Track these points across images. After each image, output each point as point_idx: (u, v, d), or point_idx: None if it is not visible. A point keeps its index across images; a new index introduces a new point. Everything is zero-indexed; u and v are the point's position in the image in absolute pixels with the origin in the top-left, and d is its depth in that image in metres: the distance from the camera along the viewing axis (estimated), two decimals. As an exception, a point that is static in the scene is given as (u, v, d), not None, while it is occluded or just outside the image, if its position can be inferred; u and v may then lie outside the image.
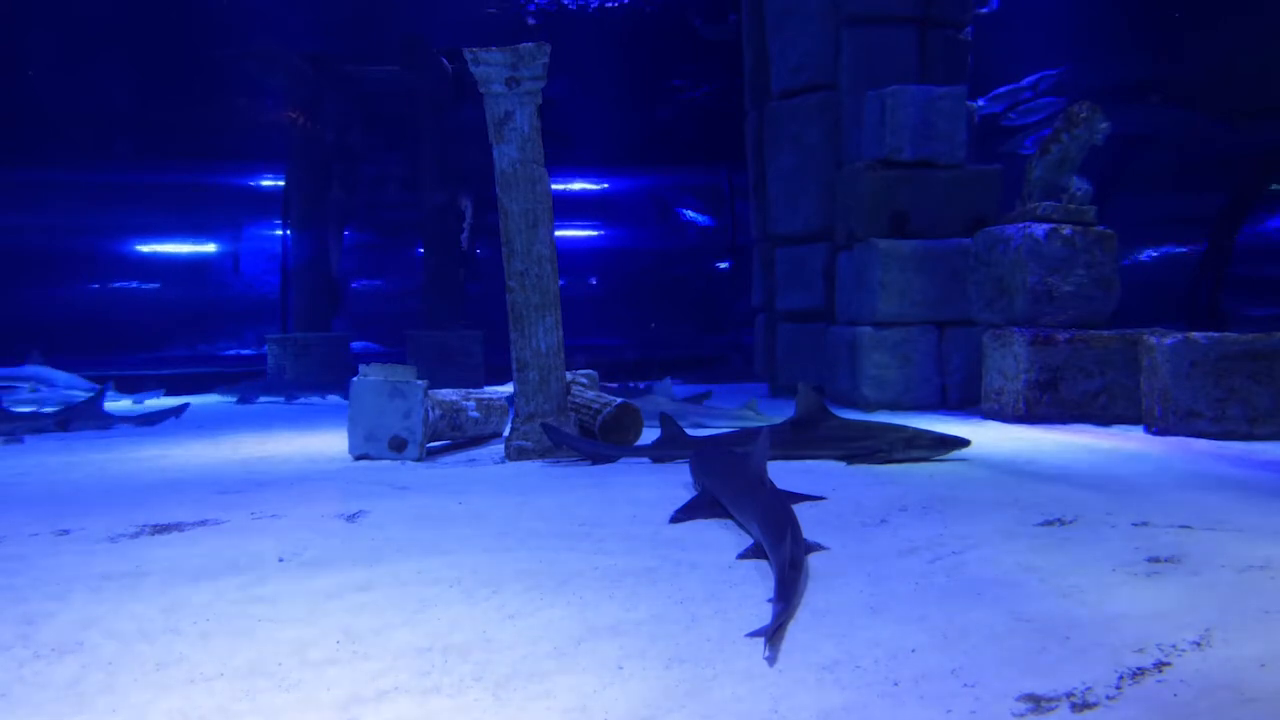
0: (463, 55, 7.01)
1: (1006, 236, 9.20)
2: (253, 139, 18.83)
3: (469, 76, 7.11)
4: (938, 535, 4.38)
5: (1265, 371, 7.52)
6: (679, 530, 4.65)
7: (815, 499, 5.19)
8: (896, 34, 11.25)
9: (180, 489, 6.02)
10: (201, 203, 18.78)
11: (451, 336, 15.63)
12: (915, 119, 10.26)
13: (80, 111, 18.74)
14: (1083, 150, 9.26)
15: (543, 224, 7.07)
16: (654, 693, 2.67)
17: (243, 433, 9.44)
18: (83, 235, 18.11)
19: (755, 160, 12.91)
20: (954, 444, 6.66)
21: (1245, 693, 2.59)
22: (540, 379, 7.13)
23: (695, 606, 3.41)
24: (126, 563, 4.07)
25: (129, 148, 19.55)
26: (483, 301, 16.45)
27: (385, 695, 2.68)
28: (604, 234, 20.65)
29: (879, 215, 10.36)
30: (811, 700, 2.60)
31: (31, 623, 3.29)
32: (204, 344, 18.29)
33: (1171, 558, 3.89)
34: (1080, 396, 8.74)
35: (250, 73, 17.96)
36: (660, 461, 6.77)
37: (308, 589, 3.66)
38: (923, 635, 3.06)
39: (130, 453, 7.93)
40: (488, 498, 5.52)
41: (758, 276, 13.20)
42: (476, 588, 3.66)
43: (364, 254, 19.62)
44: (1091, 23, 15.54)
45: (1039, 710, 2.51)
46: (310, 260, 17.08)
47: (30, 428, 9.27)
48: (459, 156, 16.34)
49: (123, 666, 2.92)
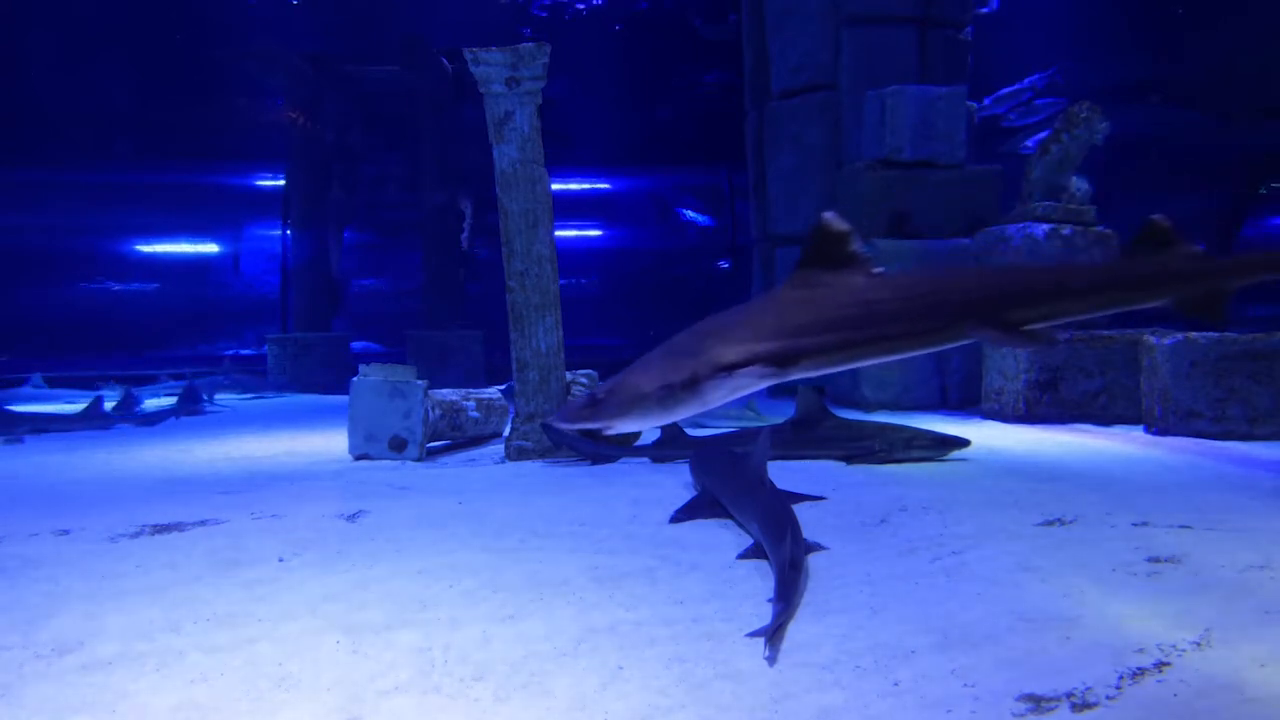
0: (463, 55, 7.00)
1: (1006, 236, 9.20)
2: (253, 139, 18.84)
3: (469, 76, 7.10)
4: (938, 535, 4.38)
5: (1265, 371, 7.52)
6: (679, 530, 4.65)
7: (815, 499, 5.19)
8: (896, 34, 11.25)
9: (180, 489, 6.02)
10: (201, 203, 18.79)
11: (451, 336, 15.64)
12: (915, 119, 10.26)
13: (80, 111, 18.75)
14: (1083, 150, 9.26)
15: (543, 224, 7.07)
16: (654, 693, 2.67)
17: (242, 433, 9.44)
18: (83, 235, 18.12)
19: (755, 160, 12.91)
20: (954, 444, 6.66)
21: (1245, 693, 2.59)
22: (540, 379, 7.13)
23: (695, 607, 3.41)
24: (127, 563, 4.07)
25: (129, 148, 19.55)
26: (483, 301, 16.45)
27: (385, 695, 2.68)
28: (604, 234, 20.65)
29: (879, 215, 10.36)
30: (811, 700, 2.60)
31: (32, 623, 3.29)
32: (204, 344, 18.29)
33: (1171, 558, 3.89)
34: (1080, 396, 8.74)
35: (250, 73, 17.96)
36: (660, 461, 6.77)
37: (308, 589, 3.66)
38: (923, 635, 3.06)
39: (130, 453, 7.93)
40: (488, 498, 5.52)
41: (758, 276, 13.20)
42: (476, 588, 3.66)
43: (364, 254, 19.63)
44: (1091, 23, 15.55)
45: (1039, 710, 2.51)
46: (310, 260, 17.08)
47: (31, 428, 9.27)
48: (459, 156, 16.34)
49: (122, 666, 2.92)
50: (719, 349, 2.31)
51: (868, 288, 2.38)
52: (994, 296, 2.37)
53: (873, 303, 2.36)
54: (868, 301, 2.36)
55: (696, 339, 2.38)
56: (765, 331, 2.33)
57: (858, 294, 2.37)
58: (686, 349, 2.35)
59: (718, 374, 2.29)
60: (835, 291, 2.37)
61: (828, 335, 2.30)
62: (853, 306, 2.35)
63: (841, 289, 2.37)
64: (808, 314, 2.34)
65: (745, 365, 2.28)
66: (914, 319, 2.35)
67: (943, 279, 2.43)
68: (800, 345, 2.30)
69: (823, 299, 2.36)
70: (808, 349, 2.30)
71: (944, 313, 2.35)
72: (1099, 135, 9.17)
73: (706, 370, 2.29)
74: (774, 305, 2.39)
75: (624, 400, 2.29)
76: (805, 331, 2.31)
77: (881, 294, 2.38)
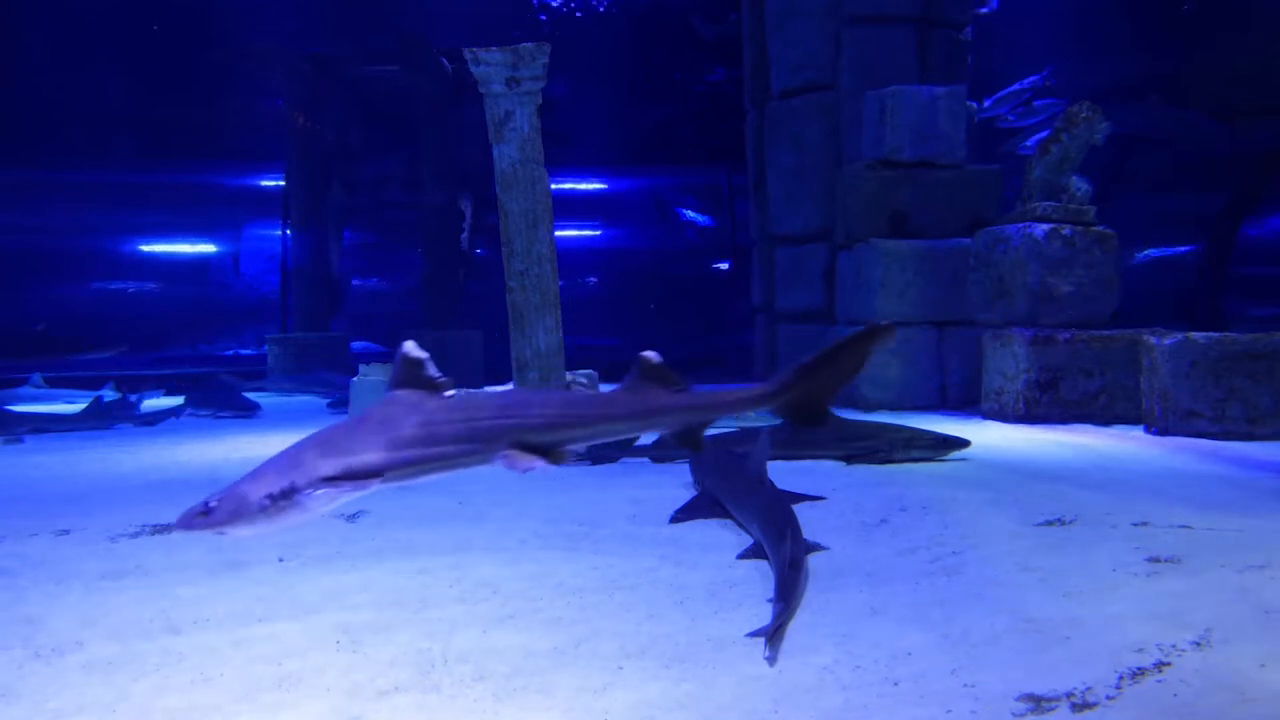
0: (463, 55, 7.00)
1: (1006, 236, 9.20)
2: (253, 139, 18.82)
3: (469, 76, 7.10)
4: (938, 535, 4.38)
5: (1265, 371, 7.52)
6: (679, 530, 4.65)
7: (815, 499, 5.19)
8: (896, 34, 11.24)
9: (180, 489, 6.01)
10: (201, 203, 18.76)
11: (451, 336, 15.62)
12: (915, 119, 10.26)
13: (80, 111, 18.73)
14: (1083, 150, 9.26)
15: (543, 224, 7.07)
16: (654, 693, 2.67)
17: (242, 432, 9.43)
18: (83, 235, 18.10)
19: (755, 160, 12.90)
20: (954, 444, 6.66)
21: (1245, 693, 2.59)
22: (540, 379, 7.13)
23: (695, 606, 3.41)
24: (126, 563, 4.07)
25: (129, 148, 19.53)
26: (483, 301, 16.43)
27: (385, 695, 2.68)
28: (604, 234, 20.64)
29: (879, 215, 10.35)
30: (811, 700, 2.60)
31: (32, 623, 3.29)
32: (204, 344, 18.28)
33: (1171, 558, 3.89)
34: (1080, 396, 8.73)
35: (250, 72, 17.94)
36: (660, 461, 6.76)
37: (308, 588, 3.66)
38: (923, 635, 3.06)
39: (130, 453, 7.92)
40: (487, 498, 5.51)
41: (758, 276, 13.19)
42: (476, 588, 3.66)
43: (364, 254, 19.60)
44: (1091, 23, 15.54)
45: (1039, 710, 2.51)
46: (310, 260, 17.07)
47: (31, 428, 9.27)
48: (459, 156, 16.33)
49: (122, 666, 2.92)
50: (318, 461, 2.59)
51: (436, 410, 2.77)
52: (521, 426, 2.81)
53: (436, 424, 2.75)
54: (434, 423, 2.75)
55: (303, 450, 2.65)
56: (358, 446, 2.64)
57: (428, 415, 2.75)
58: (294, 459, 2.61)
59: (315, 485, 2.56)
60: (413, 412, 2.74)
61: (406, 452, 2.69)
62: (423, 427, 2.73)
63: (418, 410, 2.75)
64: (391, 432, 2.70)
65: (339, 479, 2.59)
66: (465, 440, 2.77)
67: (485, 407, 2.86)
68: (384, 460, 2.66)
69: (403, 419, 2.72)
70: (391, 464, 2.66)
71: (486, 436, 2.78)
72: (1099, 135, 9.17)
73: (304, 481, 2.55)
74: (369, 422, 2.74)
75: (231, 509, 2.49)
76: (391, 446, 2.66)
77: (445, 416, 2.78)
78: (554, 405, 2.93)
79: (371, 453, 2.64)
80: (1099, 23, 15.48)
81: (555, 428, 2.83)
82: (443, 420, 2.74)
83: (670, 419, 2.95)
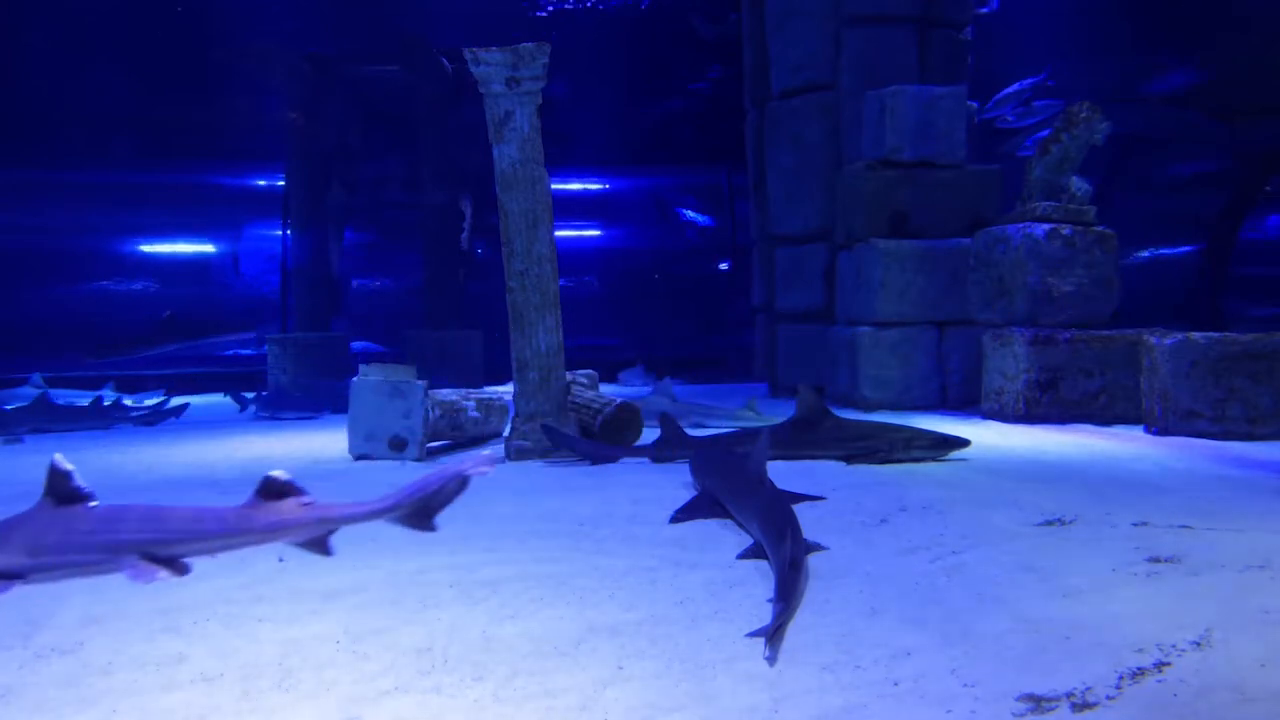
0: (463, 55, 7.00)
1: (1006, 236, 9.20)
2: (253, 139, 18.81)
3: (469, 76, 7.10)
4: (938, 535, 4.38)
5: (1265, 371, 7.52)
6: (679, 530, 4.65)
7: (815, 499, 5.19)
8: (896, 34, 11.24)
9: (179, 489, 6.02)
10: (201, 203, 18.76)
11: (450, 336, 15.62)
12: (915, 119, 10.26)
13: (80, 111, 18.72)
14: (1082, 150, 9.25)
15: (543, 224, 7.07)
16: (654, 693, 2.67)
17: (242, 433, 9.44)
18: (83, 235, 18.10)
19: (755, 160, 12.90)
20: (954, 444, 6.67)
21: (1245, 693, 2.59)
22: (540, 379, 7.13)
23: (695, 606, 3.41)
24: (127, 563, 4.06)
25: (129, 148, 19.53)
26: (483, 301, 16.42)
27: (385, 695, 2.68)
28: (604, 234, 20.64)
29: (879, 215, 10.35)
30: (811, 700, 2.60)
31: (32, 623, 3.29)
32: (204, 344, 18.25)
33: (1171, 558, 3.89)
34: (1080, 396, 8.74)
35: (250, 72, 17.92)
36: (660, 461, 6.77)
37: (308, 589, 3.67)
38: (923, 635, 3.06)
39: (129, 453, 7.93)
40: (487, 497, 5.51)
41: (758, 276, 13.20)
42: (476, 588, 3.66)
43: (364, 254, 19.59)
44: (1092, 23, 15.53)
45: (1039, 710, 2.51)
46: (310, 260, 17.05)
47: (30, 428, 9.27)
48: (459, 156, 16.32)
49: (123, 666, 2.92)
50: None
51: (77, 517, 3.13)
52: (150, 541, 3.13)
53: (77, 532, 3.10)
54: (76, 530, 3.10)
55: None
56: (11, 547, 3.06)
57: (71, 522, 3.11)
58: None
59: None
60: (59, 519, 3.12)
61: (48, 557, 3.07)
62: (66, 534, 3.09)
63: (61, 520, 3.12)
64: (37, 536, 3.09)
65: None
66: (98, 550, 3.09)
67: (122, 520, 3.16)
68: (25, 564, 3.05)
69: (48, 524, 3.12)
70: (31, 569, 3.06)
71: (117, 548, 3.09)
72: (1099, 135, 9.16)
73: None
74: (17, 529, 3.11)
75: None
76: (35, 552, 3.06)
77: (85, 524, 3.12)
78: (182, 521, 3.24)
79: (14, 556, 3.04)
80: (1099, 23, 15.48)
81: (182, 542, 3.18)
82: (85, 528, 3.11)
83: (294, 533, 3.27)
